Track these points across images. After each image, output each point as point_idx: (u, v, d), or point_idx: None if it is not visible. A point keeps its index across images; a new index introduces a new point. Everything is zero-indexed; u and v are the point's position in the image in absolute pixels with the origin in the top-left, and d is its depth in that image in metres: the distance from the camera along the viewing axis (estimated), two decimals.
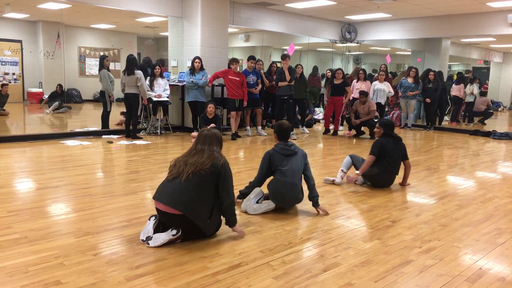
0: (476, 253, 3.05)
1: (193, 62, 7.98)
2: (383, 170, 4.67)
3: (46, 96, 11.94)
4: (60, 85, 11.09)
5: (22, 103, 12.55)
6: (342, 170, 4.93)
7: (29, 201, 3.87)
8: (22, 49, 12.49)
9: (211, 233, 3.11)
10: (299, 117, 9.73)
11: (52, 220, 3.41)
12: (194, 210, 2.93)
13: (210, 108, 7.44)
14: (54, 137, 7.36)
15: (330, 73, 10.26)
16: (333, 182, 4.90)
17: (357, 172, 4.71)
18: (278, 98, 8.53)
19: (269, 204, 3.77)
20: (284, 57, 8.26)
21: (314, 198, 3.78)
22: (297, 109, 9.49)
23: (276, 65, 9.79)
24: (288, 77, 8.16)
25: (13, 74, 12.40)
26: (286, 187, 3.73)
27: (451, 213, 3.97)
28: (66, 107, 11.21)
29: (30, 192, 4.21)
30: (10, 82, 12.33)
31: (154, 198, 3.07)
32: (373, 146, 4.74)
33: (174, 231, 2.96)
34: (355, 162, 4.85)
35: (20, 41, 12.45)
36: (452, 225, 3.63)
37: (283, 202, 3.79)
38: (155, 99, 8.02)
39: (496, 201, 4.43)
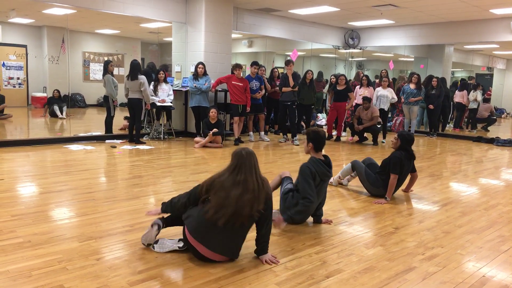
0: (479, 261, 3.04)
1: (196, 67, 8.02)
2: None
3: None
4: (57, 90, 11.16)
5: (26, 107, 12.62)
6: (339, 176, 5.03)
7: (33, 205, 3.88)
8: (27, 54, 12.57)
9: None
10: (303, 124, 9.74)
11: (55, 225, 3.42)
12: (238, 252, 2.86)
13: (213, 113, 7.47)
14: (57, 142, 7.39)
15: (334, 79, 10.28)
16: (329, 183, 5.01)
17: (388, 198, 4.44)
18: (281, 104, 8.54)
19: (273, 215, 3.74)
20: (288, 63, 8.29)
21: (318, 216, 3.68)
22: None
23: (278, 70, 9.81)
24: (291, 83, 8.18)
25: (18, 78, 12.48)
26: (303, 218, 3.62)
27: (454, 220, 3.96)
28: (59, 106, 11.16)
29: (33, 196, 4.23)
30: (14, 87, 12.42)
31: (194, 237, 2.74)
32: (393, 164, 4.45)
33: (181, 244, 2.89)
34: (358, 168, 4.75)
35: (25, 46, 12.54)
36: (455, 232, 3.62)
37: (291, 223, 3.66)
38: (158, 104, 8.05)
39: (500, 208, 4.41)
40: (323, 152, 3.66)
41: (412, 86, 9.89)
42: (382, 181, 4.53)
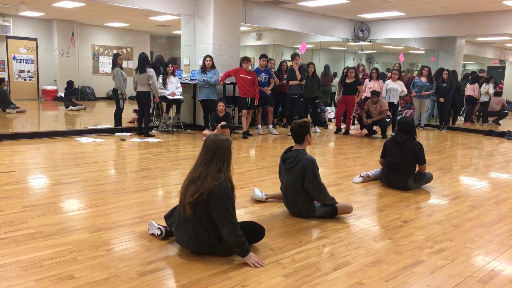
0: (488, 254, 3.02)
1: (204, 60, 8.01)
2: (385, 168, 4.82)
3: (61, 94, 12.13)
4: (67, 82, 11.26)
5: (37, 100, 12.75)
6: (368, 174, 5.04)
7: (44, 197, 3.93)
8: (37, 47, 12.68)
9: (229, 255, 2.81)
10: (309, 117, 9.69)
11: (66, 216, 3.46)
12: (204, 245, 2.75)
13: (220, 106, 7.47)
14: (68, 134, 7.46)
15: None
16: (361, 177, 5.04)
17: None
18: (288, 97, 8.52)
19: (257, 196, 4.01)
20: (294, 56, 8.25)
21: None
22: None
23: (286, 63, 9.77)
24: (298, 76, 8.15)
25: (28, 71, 12.61)
26: (287, 203, 3.74)
27: (464, 214, 3.93)
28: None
29: (44, 188, 4.28)
30: (25, 80, 12.55)
31: (172, 230, 2.95)
32: None
33: (159, 232, 3.03)
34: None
35: (35, 39, 12.65)
36: (465, 226, 3.60)
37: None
38: (170, 97, 8.08)
39: (510, 202, 4.37)
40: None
41: (423, 79, 9.79)
42: (410, 171, 4.68)
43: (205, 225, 2.72)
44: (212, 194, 2.63)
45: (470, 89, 11.24)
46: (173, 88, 8.19)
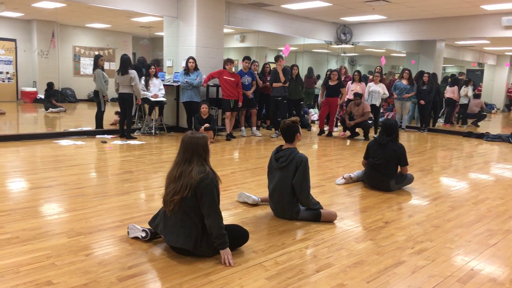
0: (468, 254, 3.07)
1: (187, 62, 7.97)
2: (368, 169, 4.87)
3: (40, 96, 11.91)
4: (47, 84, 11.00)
5: (16, 102, 12.48)
6: (350, 176, 5.05)
7: (22, 201, 3.84)
8: (16, 48, 12.43)
9: (210, 255, 2.81)
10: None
11: (44, 220, 3.39)
12: (192, 239, 2.74)
13: (204, 108, 7.44)
14: (47, 137, 7.32)
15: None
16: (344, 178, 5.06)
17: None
18: (272, 99, 8.54)
19: (254, 200, 3.98)
20: (278, 58, 8.27)
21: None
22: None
23: (270, 65, 9.79)
24: (282, 78, 8.17)
25: (7, 73, 12.35)
26: (272, 202, 3.75)
27: (444, 214, 3.99)
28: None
29: (22, 192, 4.19)
30: (3, 81, 12.28)
31: (158, 232, 2.93)
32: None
33: (144, 234, 3.01)
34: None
35: (14, 40, 12.40)
36: (445, 226, 3.65)
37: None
38: (152, 99, 8.00)
39: (489, 203, 4.46)
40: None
41: (404, 82, 9.94)
42: (392, 172, 4.72)
43: (193, 218, 2.74)
44: (200, 186, 2.68)
45: (449, 92, 11.45)
46: (156, 90, 8.12)
